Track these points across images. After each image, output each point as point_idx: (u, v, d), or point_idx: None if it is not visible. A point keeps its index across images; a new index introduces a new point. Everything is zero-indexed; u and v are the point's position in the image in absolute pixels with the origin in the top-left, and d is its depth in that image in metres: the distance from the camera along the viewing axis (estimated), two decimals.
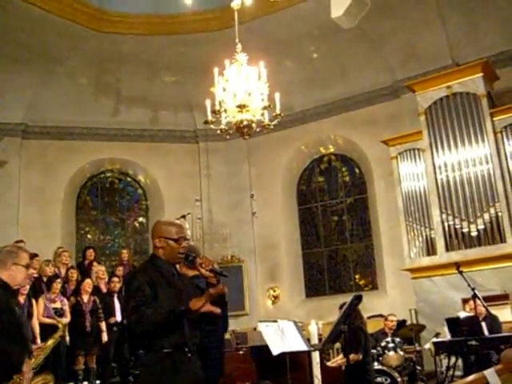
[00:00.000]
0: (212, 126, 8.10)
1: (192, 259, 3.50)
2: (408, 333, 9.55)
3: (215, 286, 3.44)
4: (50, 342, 6.91)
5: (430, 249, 11.17)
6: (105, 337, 8.86)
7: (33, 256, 9.65)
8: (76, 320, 8.78)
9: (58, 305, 8.63)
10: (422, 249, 11.24)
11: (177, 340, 3.33)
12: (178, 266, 3.70)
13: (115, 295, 9.20)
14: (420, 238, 11.28)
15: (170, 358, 3.30)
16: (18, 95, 13.29)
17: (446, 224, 10.95)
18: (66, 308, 8.76)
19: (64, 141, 13.85)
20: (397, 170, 11.77)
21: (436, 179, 11.18)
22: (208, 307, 3.28)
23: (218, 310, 3.32)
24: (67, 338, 8.63)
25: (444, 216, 10.98)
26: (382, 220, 13.20)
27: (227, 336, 9.90)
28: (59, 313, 8.59)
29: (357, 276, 14.03)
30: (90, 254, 10.56)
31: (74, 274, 9.59)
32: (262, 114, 8.12)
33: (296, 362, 5.18)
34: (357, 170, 14.32)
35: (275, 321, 5.23)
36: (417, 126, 11.59)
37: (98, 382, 9.03)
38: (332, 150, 14.50)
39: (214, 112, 8.01)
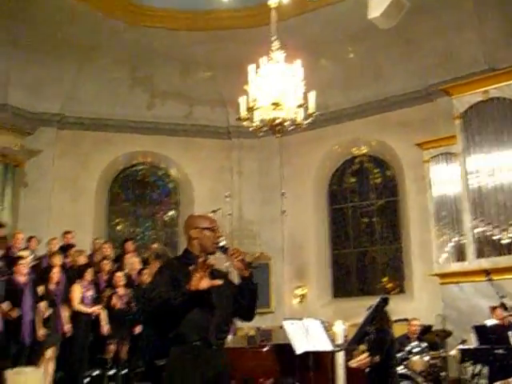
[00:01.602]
0: (245, 123, 8.11)
1: (224, 249, 3.53)
2: (434, 338, 9.48)
3: (247, 279, 3.49)
4: None
5: (460, 255, 11.04)
6: (137, 328, 8.95)
7: (69, 246, 9.88)
8: (111, 311, 8.87)
9: (91, 292, 8.77)
10: (452, 254, 11.12)
11: (201, 334, 3.37)
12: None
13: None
14: (450, 244, 11.17)
15: (194, 350, 3.36)
16: (56, 86, 13.49)
17: (477, 230, 10.81)
18: (96, 296, 8.89)
19: (98, 132, 14.02)
20: (429, 174, 11.66)
21: (468, 184, 11.04)
22: (206, 283, 3.24)
23: (218, 282, 3.31)
24: (104, 329, 8.75)
25: (475, 222, 10.84)
26: (412, 223, 13.09)
27: (252, 332, 9.98)
28: (93, 300, 8.74)
29: (385, 279, 13.95)
30: (129, 245, 10.63)
31: (108, 265, 9.68)
32: (296, 113, 8.10)
33: (319, 361, 5.18)
34: (388, 173, 14.22)
35: (300, 319, 5.24)
36: (451, 130, 11.46)
37: (124, 371, 9.14)
38: (365, 151, 14.42)
39: (247, 109, 8.02)
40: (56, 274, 8.37)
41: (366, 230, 14.42)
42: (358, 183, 14.62)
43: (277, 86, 7.90)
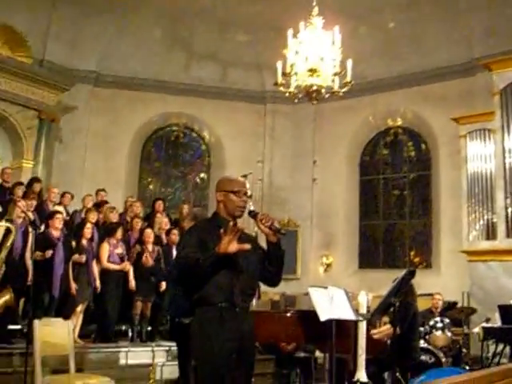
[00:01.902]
0: (281, 89, 8.06)
1: (254, 214, 3.55)
2: (458, 315, 9.46)
3: (275, 244, 3.51)
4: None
5: (491, 233, 10.95)
6: (163, 286, 9.08)
7: (102, 203, 10.02)
8: (139, 268, 9.01)
9: (119, 250, 8.88)
10: (482, 232, 11.04)
11: (225, 296, 3.43)
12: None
13: (174, 247, 9.35)
14: (481, 221, 11.07)
15: (218, 311, 3.42)
16: (93, 44, 13.55)
17: (509, 209, 10.68)
18: (125, 254, 9.01)
19: (134, 91, 14.06)
20: (464, 150, 11.50)
21: (504, 162, 10.87)
22: (234, 246, 3.27)
23: (247, 246, 3.33)
24: (132, 284, 8.89)
25: (508, 201, 10.70)
26: (443, 199, 12.98)
27: (276, 297, 10.06)
28: (122, 258, 8.86)
29: (412, 253, 13.91)
30: (159, 205, 10.69)
31: (139, 223, 9.78)
32: (333, 80, 8.02)
33: (342, 329, 5.19)
34: (423, 146, 14.07)
35: (326, 287, 5.26)
36: (490, 106, 11.25)
37: (149, 328, 9.30)
38: (400, 123, 14.25)
39: (284, 74, 7.96)
40: (89, 229, 8.47)
41: (396, 202, 14.35)
42: (390, 155, 14.51)
43: (315, 52, 7.81)
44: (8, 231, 7.15)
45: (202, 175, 15.20)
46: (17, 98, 12.09)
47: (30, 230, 7.75)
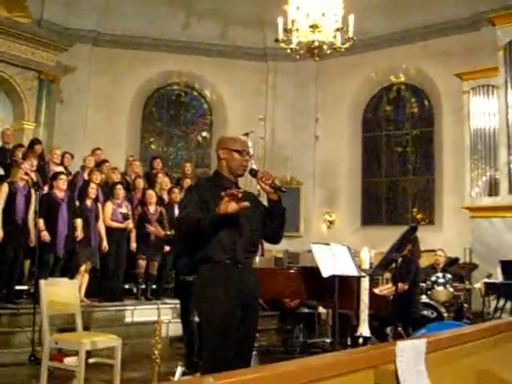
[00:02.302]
0: (282, 45, 7.98)
1: (254, 172, 3.56)
2: (460, 270, 9.54)
3: (276, 202, 3.53)
4: None
5: (493, 189, 10.96)
6: (166, 247, 9.15)
7: (102, 162, 9.99)
8: (142, 228, 9.07)
9: (123, 209, 8.92)
10: (485, 189, 11.04)
11: (228, 253, 3.47)
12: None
13: (175, 206, 9.37)
14: (483, 178, 11.06)
15: (222, 268, 3.47)
16: (91, 2, 13.35)
17: None
18: (130, 213, 9.05)
19: (134, 50, 13.92)
20: (467, 106, 11.42)
21: (507, 118, 10.81)
22: (234, 207, 3.29)
23: (246, 204, 3.32)
24: (133, 245, 8.97)
25: (511, 157, 10.68)
26: (446, 155, 12.95)
27: (280, 254, 10.14)
28: (125, 217, 8.89)
29: (414, 209, 13.95)
30: (158, 163, 10.70)
31: (141, 183, 9.80)
32: (334, 37, 7.94)
33: (345, 286, 5.24)
34: (426, 102, 13.97)
35: (328, 244, 5.29)
36: (494, 62, 11.12)
37: (154, 286, 9.41)
38: (403, 79, 14.13)
39: (285, 30, 7.88)
40: (93, 190, 8.48)
41: (398, 159, 14.33)
42: (393, 112, 14.43)
43: (316, 7, 7.70)
44: None
45: (204, 134, 15.16)
46: (16, 59, 11.98)
47: (33, 191, 7.77)
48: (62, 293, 5.68)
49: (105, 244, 8.57)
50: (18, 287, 8.21)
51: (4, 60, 11.83)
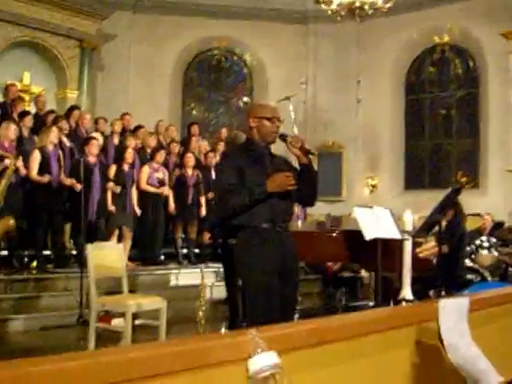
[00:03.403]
0: (323, 6, 7.87)
1: (284, 137, 3.58)
2: (505, 235, 9.40)
3: (306, 165, 3.55)
4: (3, 182, 6.77)
5: None
6: (203, 211, 9.22)
7: (138, 127, 10.04)
8: (179, 192, 9.14)
9: (160, 175, 8.95)
10: None
11: (267, 217, 3.52)
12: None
13: (212, 170, 9.40)
14: None
15: (260, 231, 3.52)
16: None
17: None
18: (167, 178, 9.09)
19: (173, 16, 13.89)
20: None
21: None
22: (283, 186, 3.43)
23: (293, 186, 3.43)
24: (172, 207, 9.04)
25: None
26: (491, 118, 12.68)
27: (322, 218, 10.13)
28: (161, 182, 8.95)
29: (459, 173, 13.72)
30: (195, 129, 10.73)
31: (176, 148, 9.84)
32: None
33: (387, 248, 5.21)
34: (471, 63, 13.62)
35: (371, 207, 5.26)
36: None
37: (196, 250, 9.52)
38: (447, 39, 13.78)
39: None
40: (130, 154, 8.51)
41: (442, 122, 14.07)
42: (437, 73, 14.11)
43: None
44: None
45: (245, 99, 15.10)
46: (57, 28, 12.11)
47: (62, 156, 7.85)
48: (108, 256, 5.80)
49: (137, 209, 8.63)
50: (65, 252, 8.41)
51: (46, 29, 11.98)
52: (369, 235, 4.91)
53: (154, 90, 13.74)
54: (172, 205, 9.05)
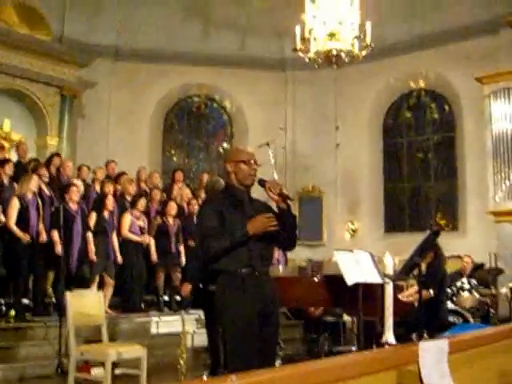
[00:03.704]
0: (300, 54, 8.01)
1: (263, 183, 3.62)
2: (485, 276, 9.45)
3: (285, 210, 3.58)
4: None
5: None
6: (183, 260, 9.19)
7: (120, 174, 10.05)
8: (161, 240, 9.10)
9: (141, 223, 8.93)
10: (509, 192, 10.92)
11: (244, 262, 3.54)
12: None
13: (194, 217, 9.40)
14: (507, 181, 10.95)
15: (239, 277, 3.54)
16: (110, 17, 13.51)
17: None
18: (146, 226, 9.06)
19: (153, 64, 14.03)
20: (489, 110, 11.34)
21: None
22: (264, 227, 3.47)
23: (274, 227, 3.49)
24: (154, 256, 8.99)
25: None
26: (468, 160, 12.85)
27: (303, 264, 10.12)
28: (142, 231, 8.91)
29: (438, 215, 13.85)
30: (179, 175, 10.74)
31: (158, 195, 9.85)
32: (352, 44, 7.95)
33: (369, 292, 5.22)
34: (446, 107, 13.88)
35: (351, 250, 5.29)
36: None
37: (178, 297, 9.45)
38: (422, 85, 14.06)
39: (303, 39, 7.91)
40: (110, 201, 8.49)
41: (420, 165, 14.25)
42: (414, 118, 14.35)
43: (333, 15, 7.73)
44: None
45: (225, 145, 15.20)
46: (38, 76, 12.18)
47: (40, 203, 7.80)
48: (88, 304, 5.74)
49: (119, 257, 8.58)
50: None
51: (26, 77, 12.04)
52: (350, 280, 4.93)
53: (134, 136, 13.79)
54: (154, 254, 9.02)
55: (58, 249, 7.68)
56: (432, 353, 1.73)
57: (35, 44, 11.99)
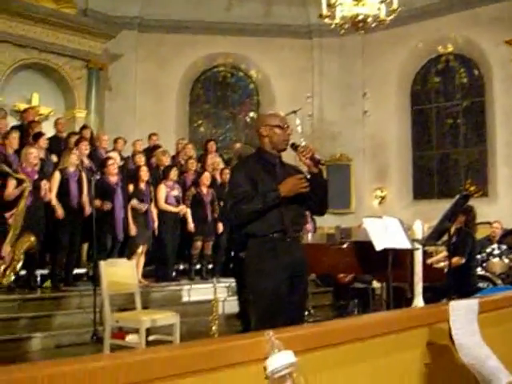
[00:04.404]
0: (326, 21, 7.94)
1: (295, 147, 3.63)
2: None
3: (317, 175, 3.60)
4: (22, 203, 7.02)
5: None
6: (220, 227, 9.27)
7: (154, 147, 10.18)
8: (196, 209, 9.19)
9: (176, 192, 9.03)
10: None
11: (276, 227, 3.55)
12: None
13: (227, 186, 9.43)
14: None
15: (270, 242, 3.56)
16: None
17: None
18: (181, 196, 9.17)
19: (179, 34, 14.01)
20: None
21: None
22: (296, 188, 3.48)
23: (306, 188, 3.50)
24: (191, 226, 9.10)
25: None
26: (498, 125, 12.69)
27: (332, 231, 10.15)
28: (178, 200, 9.02)
29: (467, 182, 13.73)
30: (211, 146, 10.81)
31: (194, 165, 9.90)
32: (379, 9, 7.86)
33: (398, 258, 5.24)
34: (476, 72, 13.65)
35: (380, 217, 5.29)
36: None
37: (210, 265, 9.57)
38: (451, 49, 13.83)
39: (329, 5, 7.84)
40: (145, 172, 8.59)
41: (449, 131, 14.09)
42: (442, 83, 14.15)
43: None
44: (21, 183, 7.13)
45: (252, 114, 15.19)
46: (64, 50, 12.25)
47: (84, 176, 7.94)
48: (121, 273, 5.86)
49: (156, 226, 8.71)
50: (77, 270, 8.49)
51: (53, 51, 12.12)
52: (379, 246, 4.94)
53: (160, 107, 13.85)
54: (191, 223, 9.12)
55: (108, 206, 7.90)
56: (462, 312, 1.75)
57: (61, 18, 12.05)
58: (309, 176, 3.66)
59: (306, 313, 7.05)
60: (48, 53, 12.10)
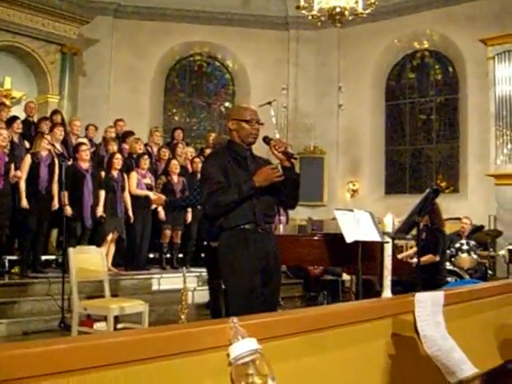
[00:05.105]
0: (304, 12, 7.94)
1: (268, 140, 3.63)
2: (484, 237, 9.51)
3: (289, 168, 3.60)
4: None
5: None
6: (189, 217, 9.23)
7: (127, 133, 10.07)
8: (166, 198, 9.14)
9: (148, 180, 8.98)
10: (510, 156, 10.92)
11: (248, 218, 3.55)
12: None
13: (198, 175, 9.40)
14: (509, 145, 10.95)
15: (242, 233, 3.55)
16: None
17: None
18: (153, 184, 9.12)
19: (155, 22, 13.92)
20: (492, 72, 11.26)
21: None
22: (271, 178, 3.50)
23: (280, 178, 3.51)
24: (162, 214, 9.05)
25: None
26: (471, 123, 12.82)
27: (303, 223, 10.20)
28: (150, 188, 8.96)
29: (439, 177, 13.87)
30: (178, 134, 10.77)
31: (166, 153, 9.84)
32: (356, 2, 7.88)
33: (368, 251, 5.27)
34: (450, 69, 13.79)
35: (351, 210, 5.32)
36: None
37: (180, 254, 9.54)
38: (426, 45, 13.94)
39: None
40: (118, 160, 8.50)
41: (422, 127, 14.22)
42: (417, 79, 14.26)
43: None
44: None
45: (227, 104, 15.14)
46: (38, 33, 12.06)
47: (57, 162, 7.82)
48: (90, 260, 5.82)
49: (130, 214, 8.66)
50: (46, 257, 8.40)
51: (27, 34, 11.92)
52: (349, 238, 4.96)
53: (135, 94, 13.74)
54: (162, 212, 9.07)
55: (67, 209, 7.69)
56: (428, 303, 1.77)
57: (36, 1, 11.85)
58: (281, 170, 3.65)
59: None
60: (22, 36, 11.90)
